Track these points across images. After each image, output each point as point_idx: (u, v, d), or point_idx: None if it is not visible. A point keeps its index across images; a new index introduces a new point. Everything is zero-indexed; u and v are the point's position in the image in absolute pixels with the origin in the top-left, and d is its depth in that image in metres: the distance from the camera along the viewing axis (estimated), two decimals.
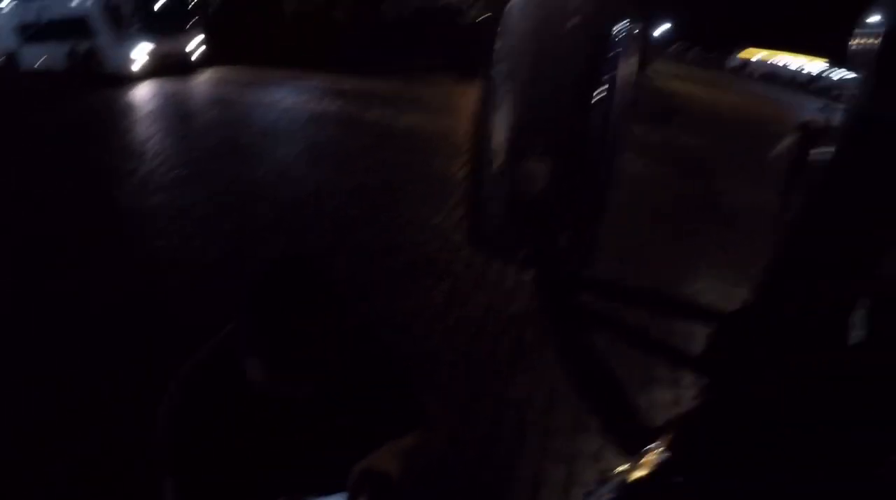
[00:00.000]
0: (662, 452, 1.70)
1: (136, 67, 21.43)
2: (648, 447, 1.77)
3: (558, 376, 4.79)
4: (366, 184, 9.14)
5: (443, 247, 7.03)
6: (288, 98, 15.43)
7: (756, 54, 49.66)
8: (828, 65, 43.30)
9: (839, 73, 38.62)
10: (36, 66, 26.77)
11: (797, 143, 7.90)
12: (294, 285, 1.45)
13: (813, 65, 45.08)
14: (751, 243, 6.93)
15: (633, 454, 1.84)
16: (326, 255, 6.77)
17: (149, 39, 21.46)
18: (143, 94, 19.22)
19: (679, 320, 5.90)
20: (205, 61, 22.72)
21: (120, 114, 16.67)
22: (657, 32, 44.31)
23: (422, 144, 11.06)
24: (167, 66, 21.56)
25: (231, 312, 1.46)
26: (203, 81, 20.33)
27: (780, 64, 47.69)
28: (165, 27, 21.93)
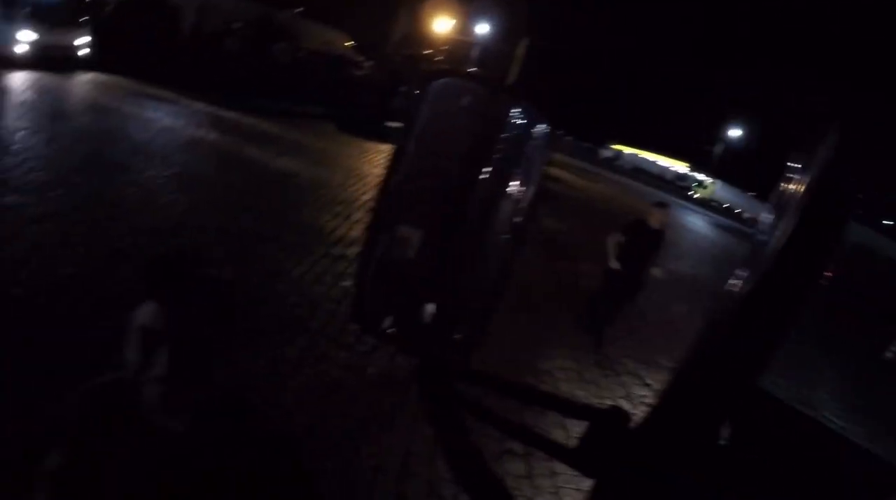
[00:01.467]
0: None
1: (15, 53, 20.46)
2: None
3: (413, 442, 4.79)
4: (232, 225, 8.94)
5: (301, 301, 6.94)
6: (167, 118, 15.04)
7: (628, 149, 53.00)
8: (689, 168, 51.21)
9: (699, 176, 49.58)
10: None
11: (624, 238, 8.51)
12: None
13: (678, 166, 50.10)
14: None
15: None
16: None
17: (35, 27, 20.62)
18: (18, 82, 18.30)
19: (534, 399, 6.01)
20: (88, 63, 21.90)
21: None
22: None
23: (295, 190, 11.00)
24: (49, 58, 20.69)
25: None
26: (82, 83, 19.56)
27: (651, 159, 51.59)
28: (55, 19, 21.19)
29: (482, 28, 39.05)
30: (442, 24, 34.46)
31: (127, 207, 9.17)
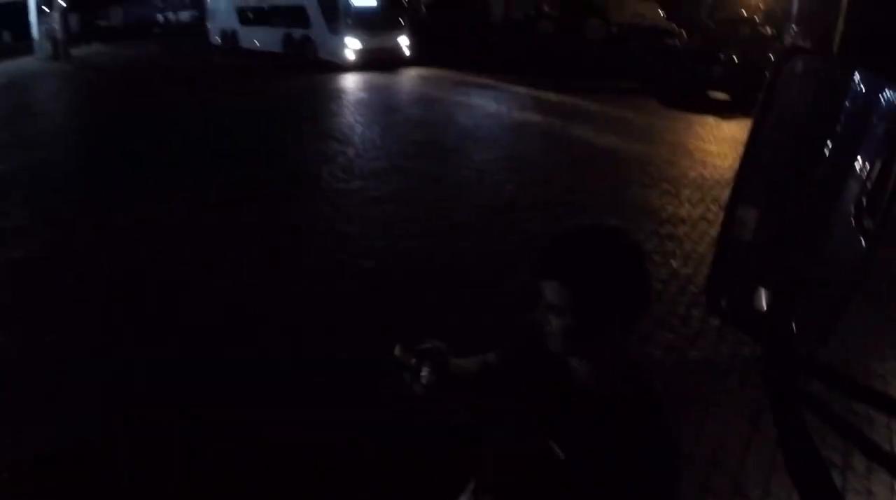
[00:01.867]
0: None
1: (345, 58, 22.40)
2: None
3: (726, 433, 4.24)
4: (560, 203, 8.75)
5: None
6: (490, 104, 15.37)
7: None
8: None
9: None
10: (257, 45, 29.10)
11: None
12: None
13: None
14: None
15: None
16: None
17: (359, 34, 22.43)
18: (351, 83, 19.91)
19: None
20: (410, 61, 23.31)
21: (329, 99, 17.30)
22: None
23: (620, 168, 10.55)
24: (375, 60, 22.40)
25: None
26: (407, 79, 20.79)
27: None
28: (376, 24, 22.87)
29: None
30: None
31: (460, 188, 9.33)
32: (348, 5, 22.47)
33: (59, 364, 4.81)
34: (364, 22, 22.72)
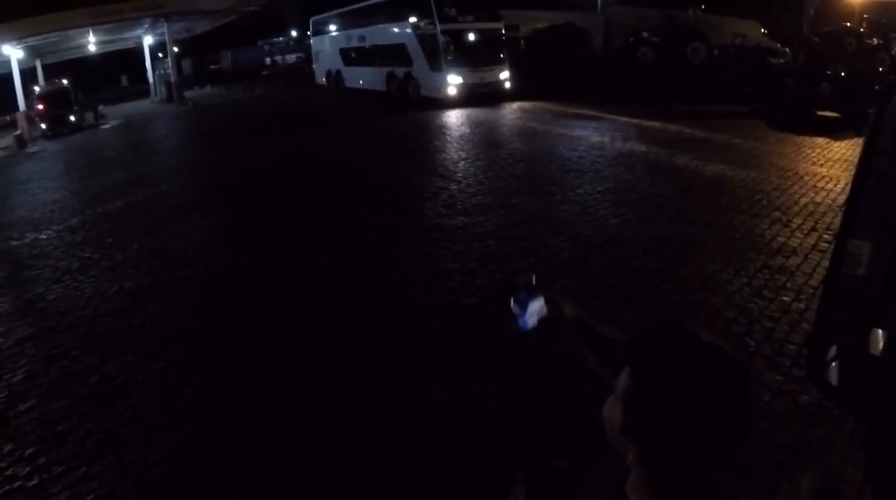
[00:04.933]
0: None
1: (447, 95, 22.74)
2: None
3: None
4: (665, 235, 8.61)
5: (737, 316, 6.35)
6: (594, 135, 15.32)
7: None
8: None
9: None
10: (361, 84, 30.01)
11: None
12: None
13: None
14: None
15: None
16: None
17: (460, 70, 22.75)
18: (453, 119, 20.23)
19: None
20: (511, 94, 23.47)
21: (432, 135, 17.62)
22: None
23: (727, 197, 10.26)
24: (477, 95, 22.70)
25: None
26: (509, 113, 20.95)
27: None
28: (476, 59, 23.17)
29: None
30: None
31: (563, 223, 9.34)
32: (448, 42, 22.89)
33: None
34: (465, 58, 23.12)
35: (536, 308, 1.69)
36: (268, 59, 73.31)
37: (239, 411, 5.28)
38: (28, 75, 45.09)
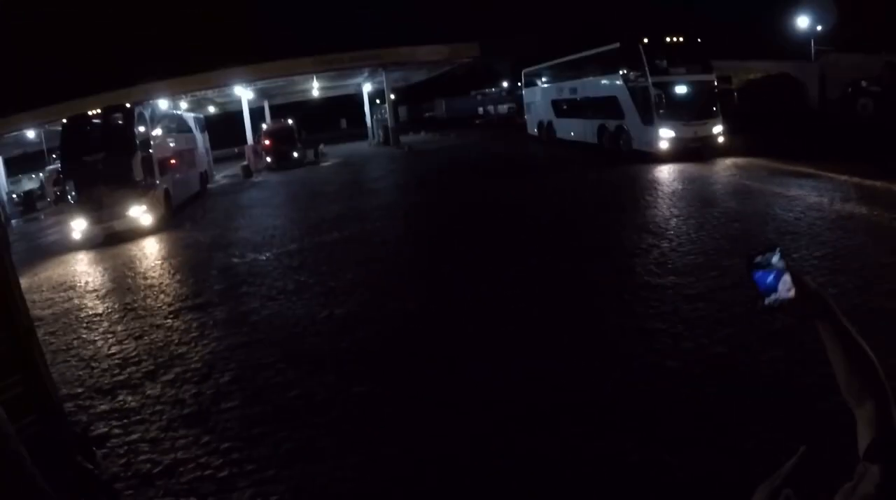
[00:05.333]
0: None
1: (659, 149, 22.78)
2: None
3: None
4: (886, 310, 7.94)
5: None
6: (811, 195, 14.78)
7: None
8: None
9: None
10: (572, 135, 30.65)
11: None
12: None
13: None
14: None
15: None
16: None
17: (673, 123, 22.70)
18: (665, 174, 20.34)
19: None
20: (726, 148, 23.09)
21: (643, 189, 17.81)
22: None
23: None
24: (689, 150, 22.56)
25: None
26: (722, 169, 20.64)
27: None
28: (689, 113, 23.02)
29: None
30: None
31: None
32: (660, 95, 22.99)
33: None
34: (678, 111, 23.10)
35: (788, 281, 1.65)
36: (480, 109, 76.23)
37: (438, 445, 5.85)
38: (256, 114, 50.00)
